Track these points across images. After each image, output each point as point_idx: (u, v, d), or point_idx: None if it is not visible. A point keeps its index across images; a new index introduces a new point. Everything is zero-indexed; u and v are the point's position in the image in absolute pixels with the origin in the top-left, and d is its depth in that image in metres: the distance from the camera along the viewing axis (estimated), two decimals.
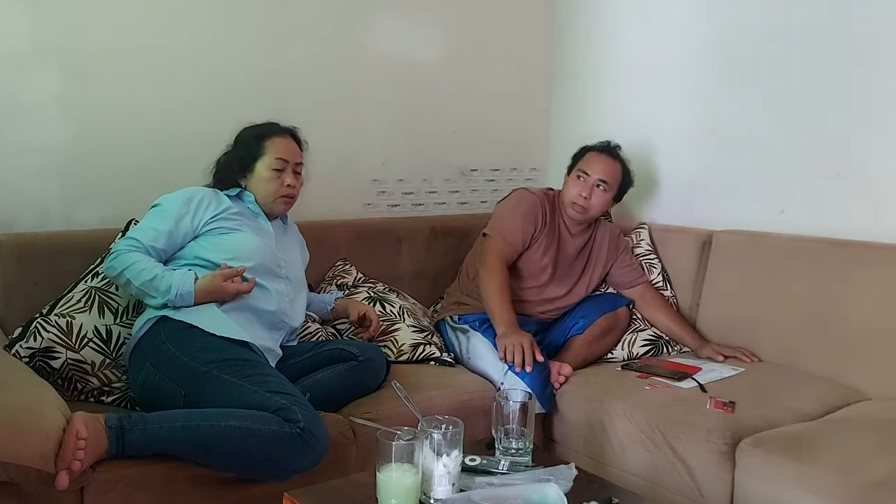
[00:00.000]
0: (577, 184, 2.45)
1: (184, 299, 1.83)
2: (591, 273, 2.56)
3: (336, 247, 2.60)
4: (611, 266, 2.58)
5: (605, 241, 2.57)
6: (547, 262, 2.47)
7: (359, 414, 1.87)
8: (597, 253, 2.56)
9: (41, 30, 2.19)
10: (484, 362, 2.32)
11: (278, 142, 2.06)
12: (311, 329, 2.26)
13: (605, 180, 2.44)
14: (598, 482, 1.53)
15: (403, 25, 2.85)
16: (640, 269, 2.61)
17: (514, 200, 2.49)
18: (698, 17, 2.73)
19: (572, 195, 2.45)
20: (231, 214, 1.99)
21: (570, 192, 2.46)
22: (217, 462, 1.64)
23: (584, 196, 2.42)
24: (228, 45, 2.49)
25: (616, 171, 2.48)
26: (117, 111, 2.32)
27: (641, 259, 2.65)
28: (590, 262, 2.56)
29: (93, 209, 2.30)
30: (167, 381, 1.76)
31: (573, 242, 2.52)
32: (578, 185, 2.44)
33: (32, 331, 1.88)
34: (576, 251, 2.53)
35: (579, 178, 2.45)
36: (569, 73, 3.20)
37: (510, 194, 2.54)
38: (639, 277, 2.58)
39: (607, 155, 2.48)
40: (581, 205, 2.43)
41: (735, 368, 2.27)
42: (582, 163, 2.48)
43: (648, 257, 2.66)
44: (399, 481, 1.33)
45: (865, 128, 2.28)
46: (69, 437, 1.48)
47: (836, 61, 2.34)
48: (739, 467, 1.79)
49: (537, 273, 2.47)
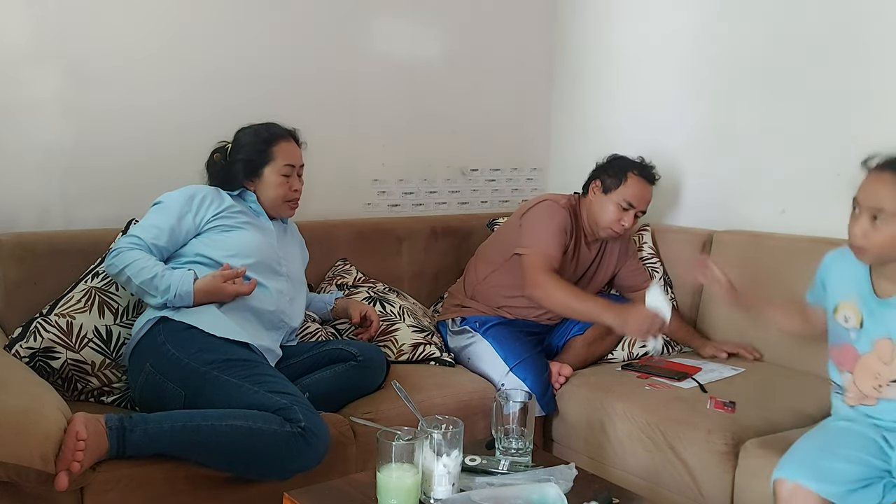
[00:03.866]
0: (618, 212, 2.36)
1: (183, 299, 1.83)
2: (600, 278, 2.54)
3: (336, 247, 2.60)
4: (619, 270, 2.56)
5: (615, 247, 2.54)
6: (566, 274, 2.41)
7: (359, 414, 1.87)
8: (607, 259, 2.54)
9: (41, 29, 2.19)
10: (485, 364, 2.32)
11: (285, 147, 2.06)
12: (311, 329, 2.25)
13: (645, 210, 2.42)
14: (598, 482, 1.53)
15: (404, 25, 2.85)
16: (645, 273, 2.60)
17: (544, 214, 2.38)
18: (699, 17, 2.73)
19: (611, 221, 2.38)
20: (233, 212, 1.99)
21: (608, 218, 2.38)
22: (218, 462, 1.64)
23: (625, 225, 2.38)
24: (229, 44, 2.48)
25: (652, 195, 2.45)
26: (117, 111, 2.33)
27: (644, 263, 2.64)
28: (600, 267, 2.53)
29: (93, 209, 2.30)
30: (167, 382, 1.76)
31: (589, 252, 2.49)
32: (620, 213, 2.36)
33: (32, 331, 1.88)
34: (590, 259, 2.50)
35: (623, 208, 2.37)
36: (569, 73, 3.20)
37: (537, 206, 2.42)
38: (644, 281, 2.57)
39: (649, 183, 2.41)
40: (619, 232, 2.40)
41: (735, 368, 2.27)
42: (626, 190, 2.37)
43: (651, 261, 2.66)
44: (399, 481, 1.33)
45: (866, 128, 2.28)
46: (69, 437, 1.48)
47: (836, 61, 2.34)
48: (740, 467, 1.79)
49: None
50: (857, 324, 1.63)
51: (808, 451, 1.56)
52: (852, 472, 1.49)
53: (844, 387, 1.66)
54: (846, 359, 1.65)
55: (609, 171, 2.42)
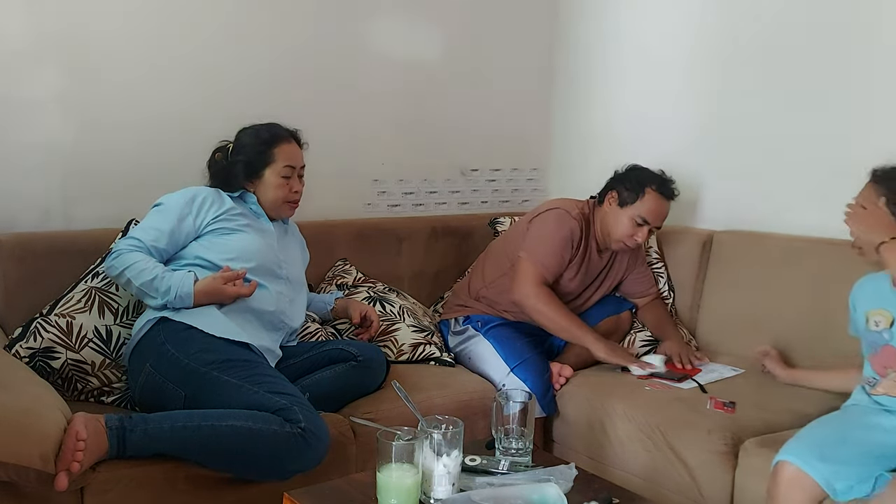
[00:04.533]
0: (633, 227, 2.32)
1: (183, 301, 1.83)
2: (607, 284, 2.52)
3: (336, 247, 2.60)
4: (626, 277, 2.55)
5: (625, 255, 2.51)
6: (574, 282, 2.41)
7: (359, 414, 1.87)
8: (616, 267, 2.52)
9: (42, 29, 2.19)
10: (486, 364, 2.32)
11: (286, 148, 2.06)
12: (311, 329, 2.25)
13: (660, 227, 2.40)
14: (598, 482, 1.53)
15: (404, 25, 2.85)
16: (651, 281, 2.58)
17: (552, 224, 2.34)
18: (699, 17, 2.73)
19: (624, 236, 2.34)
20: (233, 215, 1.99)
21: (621, 232, 2.34)
22: (218, 462, 1.64)
23: (638, 241, 2.35)
24: (229, 44, 2.48)
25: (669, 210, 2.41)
26: (118, 111, 2.32)
27: (650, 268, 2.62)
28: (608, 275, 2.51)
29: (93, 209, 2.30)
30: (167, 382, 1.76)
31: (599, 260, 2.47)
32: (634, 229, 2.32)
33: (32, 331, 1.88)
34: (600, 268, 2.48)
35: (637, 224, 2.32)
36: (569, 73, 3.20)
37: (547, 213, 2.38)
38: (649, 288, 2.57)
39: (667, 199, 2.36)
40: (631, 247, 2.38)
41: (735, 369, 2.27)
42: (643, 206, 2.31)
43: (656, 266, 2.65)
44: (399, 481, 1.34)
45: (866, 128, 2.28)
46: (69, 438, 1.48)
47: (836, 61, 2.34)
48: (740, 467, 1.79)
49: (562, 293, 2.40)
50: (887, 325, 1.70)
51: (816, 438, 1.58)
52: (856, 466, 1.51)
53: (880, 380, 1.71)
54: (889, 359, 1.69)
55: (627, 184, 2.36)
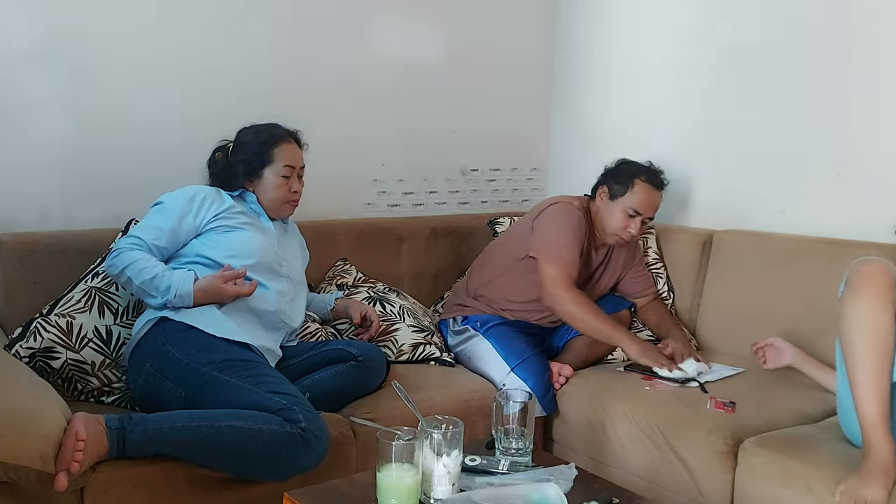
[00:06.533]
0: (625, 219, 2.34)
1: (183, 300, 1.83)
2: (605, 282, 2.53)
3: (336, 247, 2.60)
4: (623, 276, 2.55)
5: (622, 253, 2.52)
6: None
7: (359, 414, 1.87)
8: (613, 264, 2.52)
9: (42, 29, 2.20)
10: (486, 364, 2.32)
11: (286, 148, 2.06)
12: (311, 329, 2.25)
13: (653, 217, 2.40)
14: (598, 482, 1.53)
15: (404, 25, 2.85)
16: (649, 280, 2.59)
17: (560, 216, 2.35)
18: (698, 16, 2.73)
19: (617, 228, 2.36)
20: (233, 213, 1.99)
21: (615, 224, 2.36)
22: (218, 462, 1.64)
23: (632, 233, 2.36)
24: (229, 44, 2.49)
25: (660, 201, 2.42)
26: (118, 111, 2.33)
27: (649, 268, 2.63)
28: (605, 272, 2.52)
29: (93, 209, 2.30)
30: (167, 382, 1.76)
31: (596, 256, 2.48)
32: (627, 221, 2.34)
33: (32, 331, 1.88)
34: (597, 264, 2.49)
35: (630, 215, 2.34)
36: (569, 73, 3.20)
37: (550, 208, 2.38)
38: (647, 288, 2.57)
39: (657, 189, 2.38)
40: (626, 239, 2.39)
41: (735, 368, 2.27)
42: (633, 197, 2.34)
43: (655, 266, 2.65)
44: (399, 481, 1.33)
45: (865, 128, 2.28)
46: (68, 438, 1.48)
47: (836, 61, 2.34)
48: (740, 467, 1.79)
49: None
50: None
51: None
52: None
53: None
54: None
55: (616, 177, 2.39)
